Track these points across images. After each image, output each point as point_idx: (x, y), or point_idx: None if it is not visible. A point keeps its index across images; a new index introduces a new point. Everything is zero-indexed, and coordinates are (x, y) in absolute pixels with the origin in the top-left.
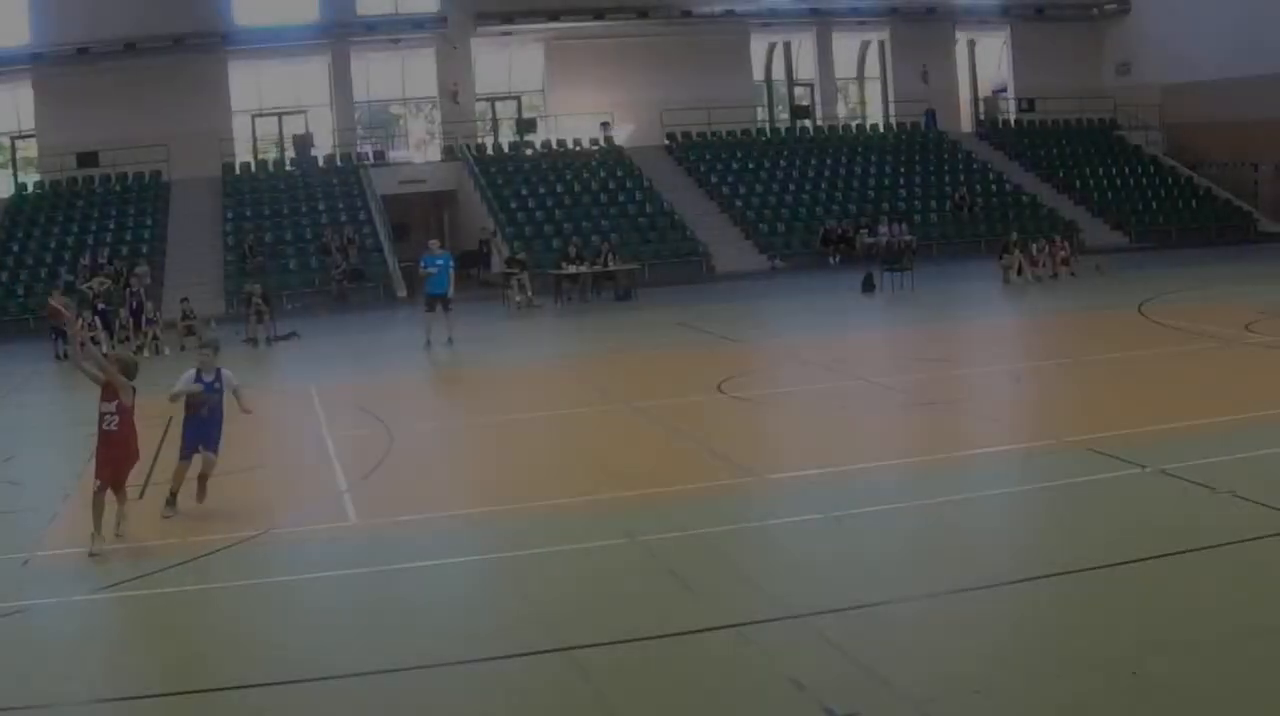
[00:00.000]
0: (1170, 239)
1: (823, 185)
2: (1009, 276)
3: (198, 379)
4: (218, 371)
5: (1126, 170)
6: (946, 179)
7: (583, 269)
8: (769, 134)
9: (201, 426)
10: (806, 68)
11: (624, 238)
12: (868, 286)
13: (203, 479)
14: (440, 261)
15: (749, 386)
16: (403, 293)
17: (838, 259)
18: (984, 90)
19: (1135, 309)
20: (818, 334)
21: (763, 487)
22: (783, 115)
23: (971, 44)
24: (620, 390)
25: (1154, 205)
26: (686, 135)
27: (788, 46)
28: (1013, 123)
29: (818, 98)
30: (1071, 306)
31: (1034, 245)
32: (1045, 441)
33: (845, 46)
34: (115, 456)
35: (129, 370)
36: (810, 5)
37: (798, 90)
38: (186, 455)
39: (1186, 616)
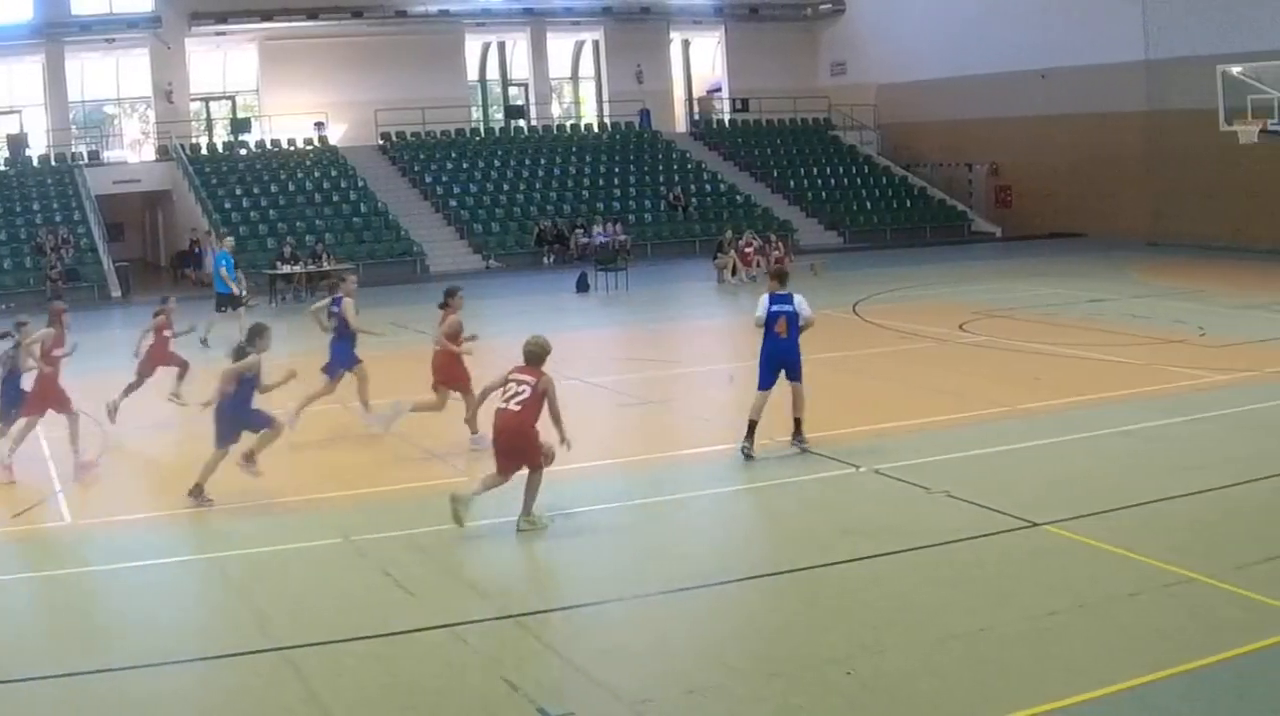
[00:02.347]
0: (885, 239)
1: (537, 185)
2: (723, 276)
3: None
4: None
5: (841, 170)
6: (661, 179)
7: (297, 269)
8: (483, 134)
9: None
10: (521, 68)
11: (338, 238)
12: (582, 286)
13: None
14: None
15: None
16: (118, 293)
17: (552, 258)
18: (698, 90)
19: (850, 309)
20: (531, 334)
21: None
22: (497, 115)
23: (686, 44)
24: (335, 390)
25: (868, 205)
26: (401, 135)
27: (502, 46)
28: (727, 122)
29: (532, 97)
30: None
31: (739, 239)
32: (759, 441)
33: (560, 46)
34: None
35: None
36: (524, 5)
37: (512, 90)
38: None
39: (899, 617)
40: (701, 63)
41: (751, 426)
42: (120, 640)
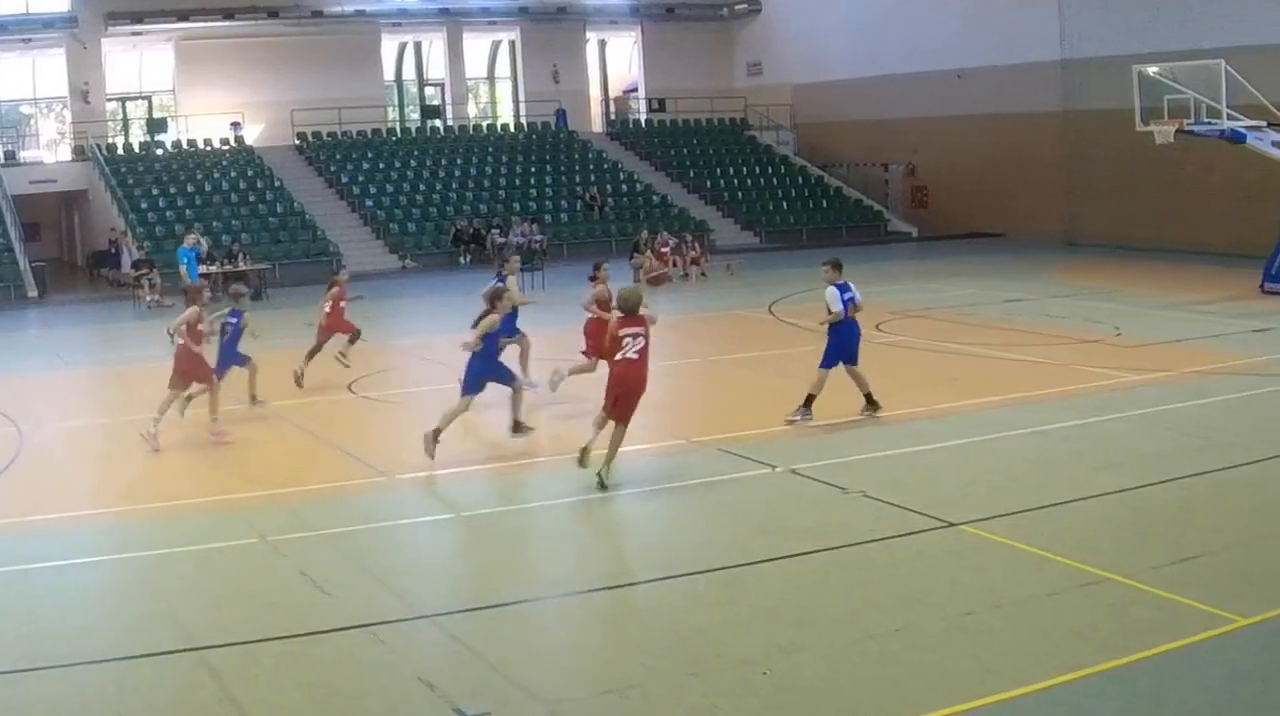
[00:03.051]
0: (801, 239)
1: (454, 185)
2: (640, 276)
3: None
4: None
5: (757, 170)
6: (578, 178)
7: (213, 269)
8: (400, 134)
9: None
10: (437, 68)
11: (255, 238)
12: None
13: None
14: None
15: (379, 386)
16: (34, 292)
17: (469, 259)
18: (615, 90)
19: (766, 309)
20: (447, 334)
21: (393, 487)
22: (413, 115)
23: (602, 44)
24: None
25: (785, 205)
26: (317, 135)
27: (418, 46)
28: (643, 122)
29: (448, 97)
30: (702, 306)
31: (656, 239)
32: (675, 441)
33: (476, 46)
34: None
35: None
36: (440, 5)
37: (428, 90)
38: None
39: (816, 617)
40: (618, 63)
41: (810, 399)
42: (34, 641)
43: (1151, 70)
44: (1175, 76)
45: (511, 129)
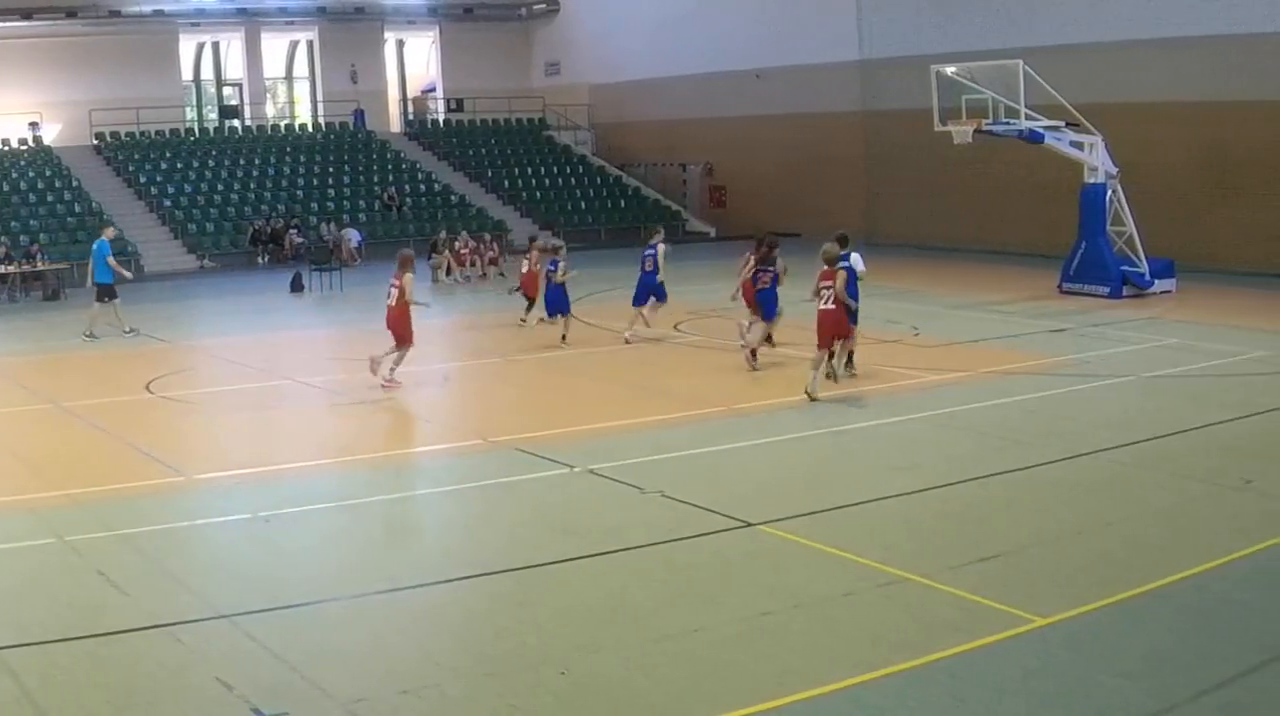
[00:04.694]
0: (599, 238)
1: (251, 185)
2: (438, 276)
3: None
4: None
5: (555, 170)
6: (376, 179)
7: (11, 269)
8: (198, 134)
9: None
10: (235, 68)
11: (53, 238)
12: (296, 286)
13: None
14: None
15: (177, 386)
16: None
17: (267, 258)
18: (413, 90)
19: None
20: (246, 333)
21: (191, 487)
22: (212, 115)
23: (400, 44)
24: (48, 389)
25: (583, 205)
26: (115, 135)
27: (216, 46)
28: (441, 122)
29: (246, 97)
30: (501, 306)
31: (455, 240)
32: (472, 441)
33: (274, 46)
34: None
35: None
36: (238, 5)
37: (226, 90)
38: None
39: (614, 617)
40: (416, 63)
41: (850, 356)
42: None
43: (949, 70)
44: (973, 76)
45: (310, 129)
